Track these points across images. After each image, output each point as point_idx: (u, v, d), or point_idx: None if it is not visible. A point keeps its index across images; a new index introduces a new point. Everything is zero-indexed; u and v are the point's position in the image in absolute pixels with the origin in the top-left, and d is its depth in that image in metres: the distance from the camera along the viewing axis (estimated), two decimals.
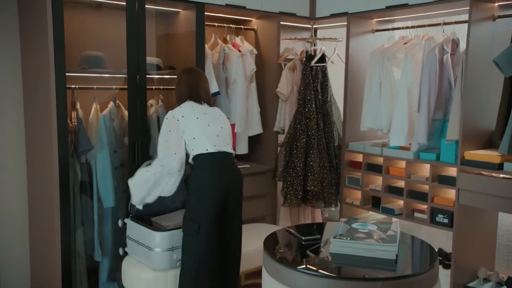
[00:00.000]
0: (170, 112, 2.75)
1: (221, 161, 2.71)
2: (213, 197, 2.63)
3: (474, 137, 3.17)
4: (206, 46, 3.71)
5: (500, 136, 2.99)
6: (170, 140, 2.69)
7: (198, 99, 2.80)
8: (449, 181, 3.20)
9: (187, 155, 2.75)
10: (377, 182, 3.73)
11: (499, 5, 3.13)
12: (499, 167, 2.94)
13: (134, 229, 2.89)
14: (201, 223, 2.58)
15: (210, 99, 2.90)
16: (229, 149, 2.78)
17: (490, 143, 3.27)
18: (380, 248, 1.88)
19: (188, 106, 2.74)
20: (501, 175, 2.95)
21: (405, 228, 4.21)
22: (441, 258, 3.50)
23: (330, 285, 1.72)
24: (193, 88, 2.81)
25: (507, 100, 2.99)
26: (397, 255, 1.94)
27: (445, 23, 3.39)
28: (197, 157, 2.68)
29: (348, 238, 1.93)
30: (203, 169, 2.66)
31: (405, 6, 3.35)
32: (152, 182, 2.72)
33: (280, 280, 1.86)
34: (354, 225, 2.10)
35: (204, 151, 2.66)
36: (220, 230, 2.72)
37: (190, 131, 2.68)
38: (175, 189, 2.77)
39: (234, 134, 3.85)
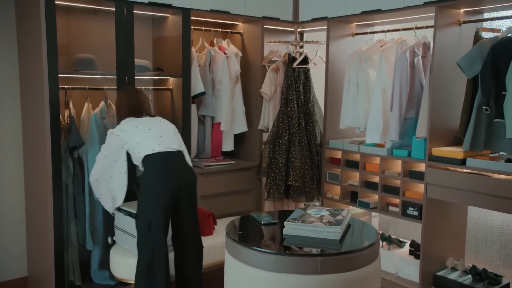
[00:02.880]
0: (110, 130, 2.95)
1: (168, 159, 2.82)
2: (163, 195, 2.73)
3: (442, 134, 3.37)
4: (194, 49, 3.95)
5: (463, 133, 3.19)
6: (108, 150, 2.90)
7: (139, 114, 2.98)
8: (419, 176, 3.41)
9: (135, 165, 2.93)
10: (355, 177, 3.93)
11: (465, 11, 3.33)
12: (462, 162, 3.15)
13: (121, 219, 3.11)
14: (151, 222, 2.71)
15: (151, 111, 3.07)
16: (176, 147, 2.90)
17: (458, 140, 3.47)
18: (326, 229, 2.11)
19: (126, 121, 2.92)
20: (465, 170, 3.16)
21: (384, 221, 4.43)
22: (413, 249, 3.71)
23: (277, 261, 1.96)
24: (133, 105, 2.99)
25: (469, 100, 3.19)
26: (343, 236, 2.17)
27: (417, 28, 3.59)
28: (145, 158, 2.80)
29: (300, 222, 2.17)
30: (151, 169, 2.78)
31: (378, 11, 3.56)
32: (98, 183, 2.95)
33: (236, 257, 2.11)
34: (309, 211, 2.34)
35: (151, 152, 2.79)
36: (175, 226, 2.87)
37: (133, 139, 2.84)
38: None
39: (220, 132, 4.08)
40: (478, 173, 3.09)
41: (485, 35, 3.32)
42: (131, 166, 2.99)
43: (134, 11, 3.36)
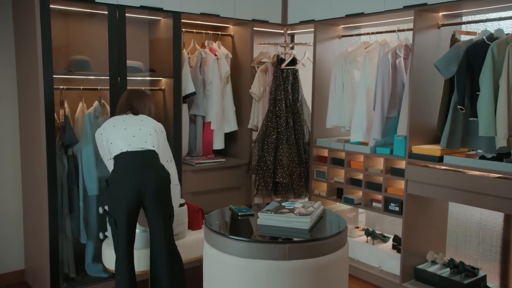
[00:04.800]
0: (97, 130, 3.07)
1: (134, 158, 2.85)
2: (124, 194, 2.78)
3: (421, 133, 3.51)
4: (185, 50, 4.10)
5: (441, 132, 3.32)
6: (102, 151, 3.04)
7: (124, 112, 3.07)
8: (400, 173, 3.55)
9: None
10: (341, 175, 4.07)
11: (443, 15, 3.47)
12: (440, 159, 3.29)
13: None
14: (117, 219, 2.80)
15: (138, 110, 3.09)
16: (148, 147, 2.91)
17: (437, 138, 3.60)
18: (296, 220, 2.27)
19: (109, 120, 3.04)
20: (442, 167, 3.29)
21: (371, 217, 4.56)
22: (396, 244, 3.84)
23: (249, 248, 2.12)
24: (122, 104, 3.10)
25: (446, 99, 3.32)
26: (313, 226, 2.32)
27: (399, 30, 3.73)
28: (114, 158, 2.88)
29: (273, 212, 2.33)
30: (116, 167, 2.86)
31: (361, 14, 3.70)
32: None
33: (213, 245, 2.27)
34: (283, 203, 2.50)
35: (119, 152, 2.86)
36: (149, 222, 2.92)
37: (109, 138, 2.94)
38: None
39: (210, 131, 4.22)
40: (456, 170, 3.22)
41: (463, 37, 3.45)
42: None
43: (127, 15, 3.50)
